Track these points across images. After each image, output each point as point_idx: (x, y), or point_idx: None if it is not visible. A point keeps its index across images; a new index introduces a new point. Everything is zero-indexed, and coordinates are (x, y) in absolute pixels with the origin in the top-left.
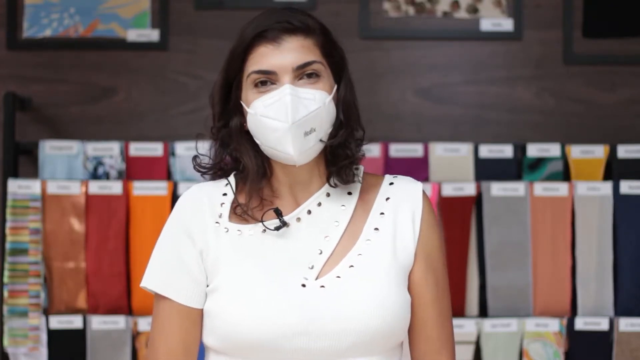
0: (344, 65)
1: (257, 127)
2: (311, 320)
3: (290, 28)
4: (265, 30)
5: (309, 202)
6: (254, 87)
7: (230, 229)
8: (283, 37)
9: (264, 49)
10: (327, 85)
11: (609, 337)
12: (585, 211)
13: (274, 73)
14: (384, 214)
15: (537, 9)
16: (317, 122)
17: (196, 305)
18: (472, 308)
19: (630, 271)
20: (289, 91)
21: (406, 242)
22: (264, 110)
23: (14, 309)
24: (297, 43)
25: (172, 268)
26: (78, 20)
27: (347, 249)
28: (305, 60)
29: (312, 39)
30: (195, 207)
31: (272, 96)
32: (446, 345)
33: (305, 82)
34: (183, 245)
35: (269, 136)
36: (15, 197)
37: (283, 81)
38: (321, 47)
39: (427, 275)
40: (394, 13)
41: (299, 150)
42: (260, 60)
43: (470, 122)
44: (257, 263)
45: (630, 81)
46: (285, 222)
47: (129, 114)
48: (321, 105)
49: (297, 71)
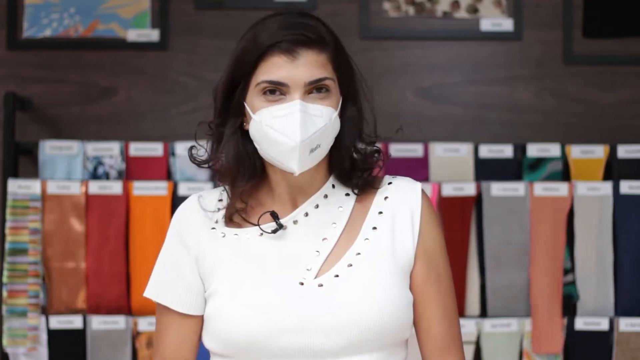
0: (352, 78)
1: (260, 135)
2: (309, 317)
3: (306, 41)
4: (280, 41)
5: (306, 205)
6: (262, 95)
7: (226, 233)
8: (298, 51)
9: (277, 59)
10: (335, 100)
11: (609, 337)
12: (585, 211)
13: (285, 85)
14: (382, 213)
15: (537, 9)
16: (323, 139)
17: (192, 312)
18: (472, 308)
19: (631, 271)
20: (299, 107)
21: (405, 241)
22: (270, 121)
23: (13, 309)
24: (311, 58)
25: (167, 277)
26: (78, 20)
27: (345, 249)
28: (318, 77)
29: (325, 54)
30: (190, 216)
31: (281, 109)
32: (454, 342)
33: (315, 96)
34: (178, 254)
35: (271, 147)
36: (15, 197)
37: (294, 95)
38: (333, 62)
39: (429, 273)
40: (394, 13)
41: (302, 166)
42: (272, 70)
43: (470, 122)
44: (254, 265)
45: (630, 81)
46: (281, 225)
47: (129, 114)
48: (328, 122)
49: (308, 86)
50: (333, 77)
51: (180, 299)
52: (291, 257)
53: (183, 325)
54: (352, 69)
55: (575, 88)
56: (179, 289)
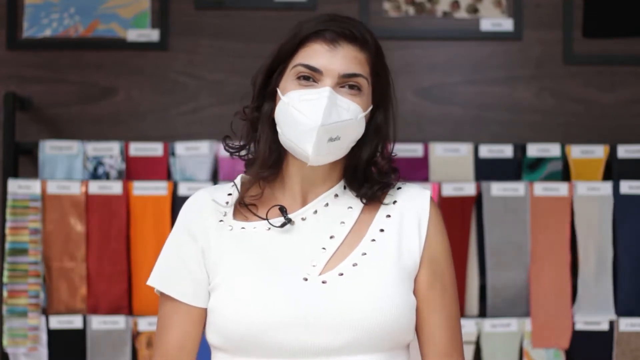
0: (387, 90)
1: (284, 116)
2: (310, 313)
3: (350, 36)
4: (325, 29)
5: (316, 202)
6: (295, 79)
7: (234, 226)
8: (339, 42)
9: (318, 46)
10: (365, 102)
11: (609, 337)
12: (585, 211)
13: (320, 72)
14: (390, 216)
15: (537, 9)
16: (344, 132)
17: (196, 303)
18: (472, 308)
19: (631, 271)
20: (327, 94)
21: (411, 245)
22: (297, 104)
23: (13, 309)
24: (351, 52)
25: (173, 267)
26: (78, 20)
27: (351, 248)
28: (353, 71)
29: (366, 54)
30: (198, 208)
31: (310, 93)
32: (455, 350)
33: (346, 91)
34: (184, 244)
35: (292, 128)
36: (15, 197)
37: (326, 83)
38: (371, 65)
39: (434, 280)
40: (394, 13)
41: (317, 152)
42: (311, 55)
43: (470, 122)
44: (259, 259)
45: (630, 81)
46: (289, 219)
47: (129, 114)
48: (353, 118)
49: (342, 78)
50: (368, 78)
51: (185, 289)
52: (297, 253)
53: (187, 317)
54: (388, 80)
55: (575, 88)
56: (183, 279)
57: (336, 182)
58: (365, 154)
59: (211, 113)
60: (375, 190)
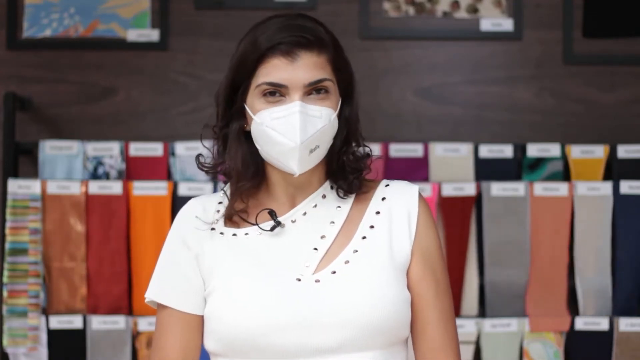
0: (350, 79)
1: (261, 136)
2: (306, 313)
3: (305, 43)
4: (279, 43)
5: (305, 204)
6: (262, 97)
7: (225, 232)
8: (297, 52)
9: (277, 61)
10: (334, 101)
11: (609, 337)
12: (585, 211)
13: (285, 86)
14: (379, 212)
15: (537, 9)
16: (322, 139)
17: (193, 311)
18: (471, 308)
19: (630, 271)
20: (299, 109)
21: (402, 241)
22: (271, 123)
23: (13, 309)
24: (310, 60)
25: (168, 276)
26: (78, 20)
27: (342, 246)
28: (317, 78)
29: (325, 55)
30: (191, 216)
31: (280, 110)
32: (449, 344)
33: (314, 97)
34: (179, 252)
35: (271, 147)
36: (15, 197)
37: (293, 96)
38: (332, 63)
39: (426, 274)
40: (394, 13)
41: (302, 167)
42: (272, 72)
43: (470, 122)
44: (252, 263)
45: (630, 81)
46: (279, 222)
47: (129, 114)
48: (327, 123)
49: (307, 87)
50: (332, 78)
51: (183, 299)
52: (289, 255)
53: (187, 326)
54: (349, 70)
55: (575, 88)
56: (181, 289)
57: (322, 181)
58: (337, 147)
59: (212, 113)
60: (351, 179)
